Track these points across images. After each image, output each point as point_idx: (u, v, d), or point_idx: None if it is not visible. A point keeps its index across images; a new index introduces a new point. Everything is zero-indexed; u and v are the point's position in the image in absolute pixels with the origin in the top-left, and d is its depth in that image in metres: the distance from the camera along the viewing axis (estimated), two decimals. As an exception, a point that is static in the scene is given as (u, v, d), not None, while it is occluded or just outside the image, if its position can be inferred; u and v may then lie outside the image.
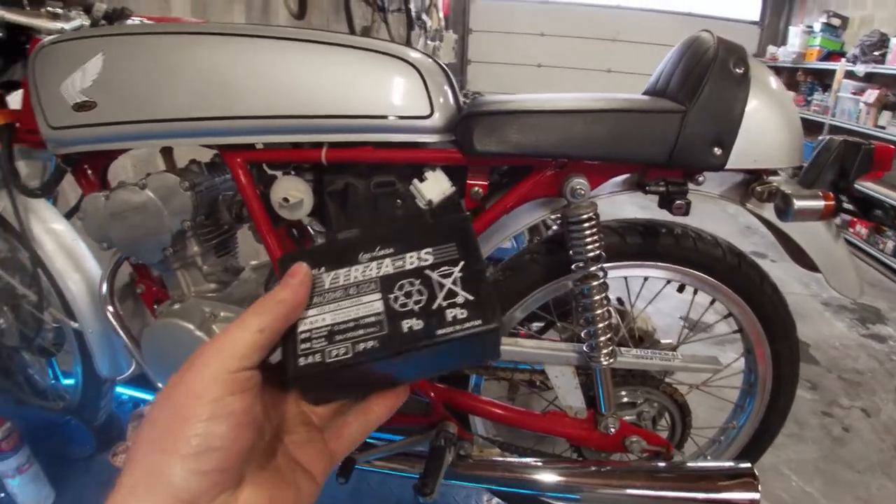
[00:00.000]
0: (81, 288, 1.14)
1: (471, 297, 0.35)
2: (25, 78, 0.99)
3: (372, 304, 0.36)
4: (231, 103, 0.85)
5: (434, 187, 0.85)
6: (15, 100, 1.08)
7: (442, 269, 0.37)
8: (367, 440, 1.03)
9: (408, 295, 0.36)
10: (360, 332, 0.35)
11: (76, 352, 1.25)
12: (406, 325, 0.35)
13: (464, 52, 3.97)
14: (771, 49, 5.44)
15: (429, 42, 3.12)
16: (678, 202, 0.84)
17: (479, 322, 0.34)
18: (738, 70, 0.79)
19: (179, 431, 0.30)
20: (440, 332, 0.34)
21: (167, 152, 1.04)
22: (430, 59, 0.86)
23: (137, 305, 1.11)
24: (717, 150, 0.79)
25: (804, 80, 4.99)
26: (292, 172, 0.90)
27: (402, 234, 0.39)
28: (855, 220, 3.66)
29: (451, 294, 0.36)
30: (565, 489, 0.98)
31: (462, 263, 0.37)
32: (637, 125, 0.82)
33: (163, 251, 0.94)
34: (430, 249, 0.38)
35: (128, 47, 0.87)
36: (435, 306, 0.35)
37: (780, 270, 2.72)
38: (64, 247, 1.16)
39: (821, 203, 0.80)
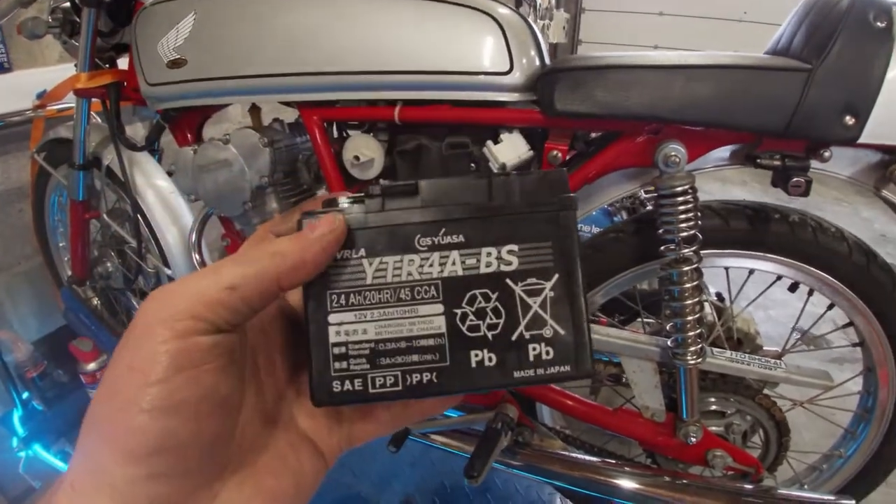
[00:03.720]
0: (176, 238, 1.21)
1: (561, 332, 0.27)
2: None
3: (431, 320, 0.27)
4: (308, 58, 0.84)
5: (509, 150, 0.79)
6: (124, 62, 1.16)
7: (529, 281, 0.27)
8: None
9: (480, 313, 0.27)
10: (414, 357, 0.27)
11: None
12: (475, 357, 0.27)
13: (575, 33, 3.78)
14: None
15: (538, 20, 3.01)
16: (796, 179, 0.71)
17: (567, 368, 0.27)
18: (879, 23, 0.65)
19: (119, 421, 0.22)
20: (518, 374, 0.27)
21: (255, 111, 1.06)
22: (513, 12, 0.80)
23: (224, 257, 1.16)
24: (849, 120, 0.66)
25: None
26: (365, 131, 0.88)
27: (479, 213, 0.28)
28: None
29: (538, 321, 0.27)
30: (634, 497, 0.89)
31: (556, 277, 0.27)
32: (749, 85, 0.70)
33: (243, 205, 0.96)
34: (515, 248, 0.28)
35: (216, 6, 0.89)
36: (514, 336, 0.27)
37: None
38: (163, 200, 1.23)
39: None
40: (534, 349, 0.27)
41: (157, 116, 1.15)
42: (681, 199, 0.74)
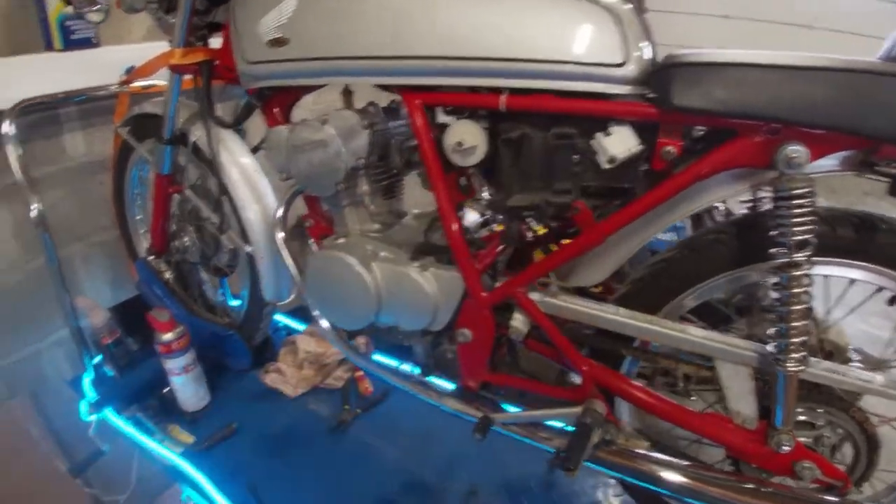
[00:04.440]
0: (259, 217, 1.23)
1: None
2: (227, 20, 1.07)
3: None
4: (415, 42, 0.84)
5: (619, 143, 0.78)
6: (215, 42, 1.18)
7: None
8: (505, 402, 1.00)
9: None
10: None
11: (246, 275, 1.36)
12: None
13: None
14: None
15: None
16: (916, 188, 0.69)
17: None
18: None
19: None
20: None
21: (347, 94, 1.08)
22: (627, 4, 0.79)
23: (304, 239, 1.17)
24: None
25: None
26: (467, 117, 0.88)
27: None
28: None
29: None
30: (714, 500, 0.88)
31: None
32: (873, 90, 0.68)
33: (335, 186, 0.97)
34: None
35: (322, -13, 0.90)
36: None
37: None
38: (247, 178, 1.25)
39: None
40: None
41: (246, 96, 1.18)
42: (800, 201, 0.72)
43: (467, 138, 0.83)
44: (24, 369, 1.64)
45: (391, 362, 1.16)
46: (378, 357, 1.17)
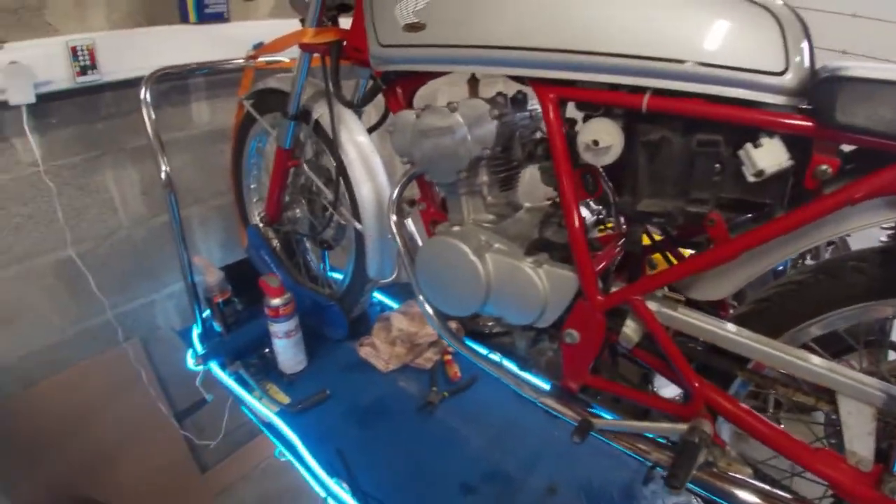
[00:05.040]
0: (371, 196, 1.27)
1: None
2: (359, 1, 1.10)
3: None
4: (554, 35, 0.83)
5: (769, 156, 0.74)
6: (344, 22, 1.22)
7: None
8: (609, 413, 0.98)
9: None
10: None
11: (352, 251, 1.41)
12: None
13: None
14: None
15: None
16: None
17: None
18: None
19: None
20: None
21: (473, 83, 1.08)
22: (790, 9, 0.74)
23: (413, 222, 1.20)
24: None
25: None
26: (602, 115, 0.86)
27: None
28: None
29: None
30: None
31: None
32: None
33: (457, 173, 0.98)
34: None
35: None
36: None
37: None
38: (363, 157, 1.29)
39: None
40: None
41: (370, 78, 1.21)
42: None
43: (604, 137, 0.82)
44: (139, 317, 1.78)
45: (492, 354, 1.17)
46: (476, 346, 1.18)
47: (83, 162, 1.55)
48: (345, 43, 1.20)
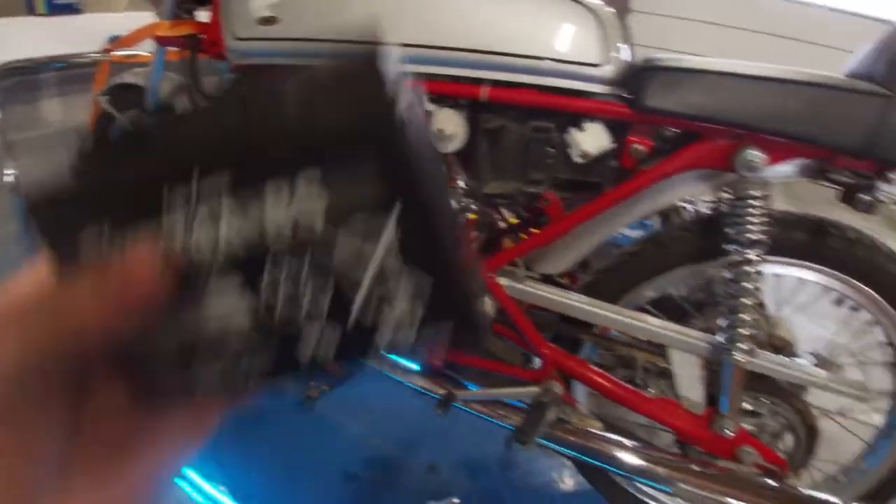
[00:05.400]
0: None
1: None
2: None
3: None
4: (401, 29, 0.87)
5: (592, 140, 0.82)
6: (201, 16, 1.19)
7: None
8: (469, 381, 1.04)
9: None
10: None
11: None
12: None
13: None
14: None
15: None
16: (864, 197, 0.75)
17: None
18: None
19: None
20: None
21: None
22: (608, 8, 0.83)
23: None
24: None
25: None
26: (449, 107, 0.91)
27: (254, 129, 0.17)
28: None
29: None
30: (661, 479, 0.94)
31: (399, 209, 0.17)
32: (834, 104, 0.74)
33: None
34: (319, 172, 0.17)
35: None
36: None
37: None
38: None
39: None
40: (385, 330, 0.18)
41: (227, 73, 1.19)
42: (756, 203, 0.78)
43: (448, 126, 0.87)
44: None
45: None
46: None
47: None
48: (203, 36, 1.17)
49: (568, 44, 0.82)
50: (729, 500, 0.91)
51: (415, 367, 1.08)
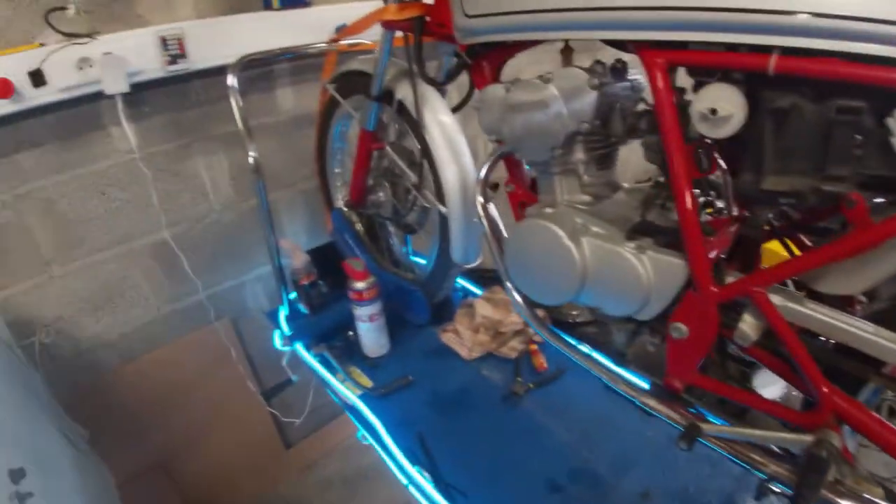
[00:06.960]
0: (456, 177, 1.22)
1: None
2: None
3: None
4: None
5: (931, 124, 0.62)
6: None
7: None
8: (706, 410, 0.89)
9: None
10: None
11: (436, 234, 1.37)
12: None
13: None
14: None
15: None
16: None
17: None
18: None
19: None
20: None
21: (567, 53, 1.00)
22: None
23: (499, 205, 1.14)
24: None
25: None
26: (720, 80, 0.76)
27: None
28: None
29: None
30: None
31: None
32: None
33: (550, 151, 0.92)
34: None
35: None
36: None
37: None
38: (447, 138, 1.24)
39: None
40: None
41: (448, 59, 1.15)
42: None
43: (724, 105, 0.71)
44: (229, 298, 1.85)
45: (582, 346, 1.10)
46: (566, 336, 1.11)
47: (175, 149, 1.61)
48: (428, 19, 1.15)
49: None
50: None
51: (641, 383, 0.96)
